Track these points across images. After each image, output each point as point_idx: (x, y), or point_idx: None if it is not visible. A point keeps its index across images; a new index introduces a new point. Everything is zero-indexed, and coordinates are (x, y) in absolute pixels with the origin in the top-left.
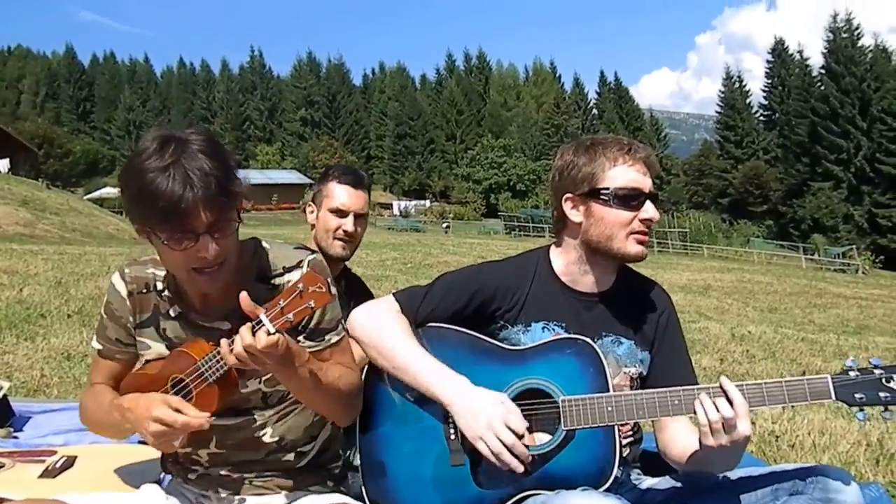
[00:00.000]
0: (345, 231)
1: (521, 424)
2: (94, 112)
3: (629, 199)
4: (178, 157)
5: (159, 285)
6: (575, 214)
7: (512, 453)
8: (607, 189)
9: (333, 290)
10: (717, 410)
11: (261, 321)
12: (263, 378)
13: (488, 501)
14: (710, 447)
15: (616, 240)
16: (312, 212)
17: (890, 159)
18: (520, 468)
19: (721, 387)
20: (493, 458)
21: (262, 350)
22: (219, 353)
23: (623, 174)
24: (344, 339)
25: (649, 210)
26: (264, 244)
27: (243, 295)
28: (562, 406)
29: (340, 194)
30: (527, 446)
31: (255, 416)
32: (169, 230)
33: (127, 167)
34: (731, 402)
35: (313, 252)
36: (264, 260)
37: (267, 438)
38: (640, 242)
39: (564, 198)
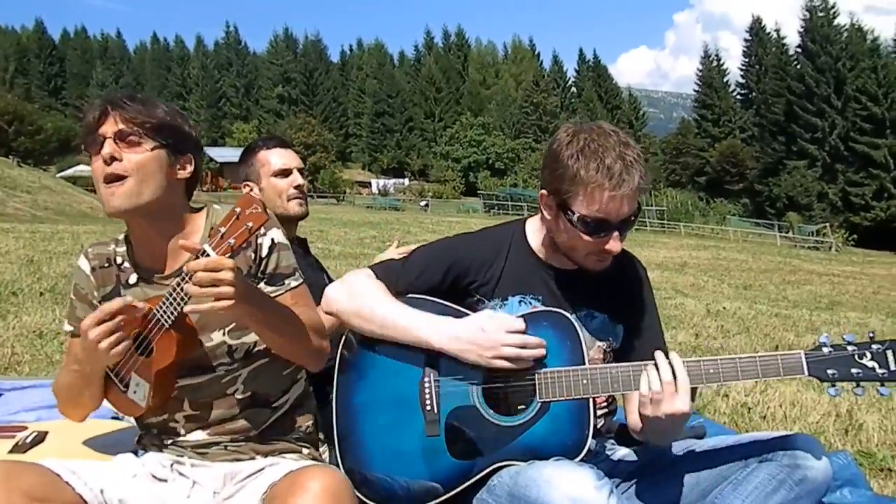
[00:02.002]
0: (296, 186)
1: (518, 322)
2: (65, 88)
3: (595, 229)
4: (117, 92)
5: (118, 259)
6: (546, 210)
7: (528, 348)
8: (575, 213)
9: (271, 215)
10: (660, 382)
11: (205, 251)
12: (227, 329)
13: (463, 472)
14: (647, 417)
15: (576, 253)
16: (250, 189)
17: (863, 138)
18: (543, 353)
19: (669, 362)
20: (516, 365)
21: (206, 267)
22: (169, 295)
23: (597, 204)
24: (303, 286)
25: (612, 244)
26: (216, 206)
27: (181, 240)
28: (537, 378)
29: (276, 157)
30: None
31: (223, 371)
32: (86, 136)
33: None
34: (674, 378)
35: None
36: (215, 219)
37: (238, 394)
38: (600, 261)
39: (540, 192)
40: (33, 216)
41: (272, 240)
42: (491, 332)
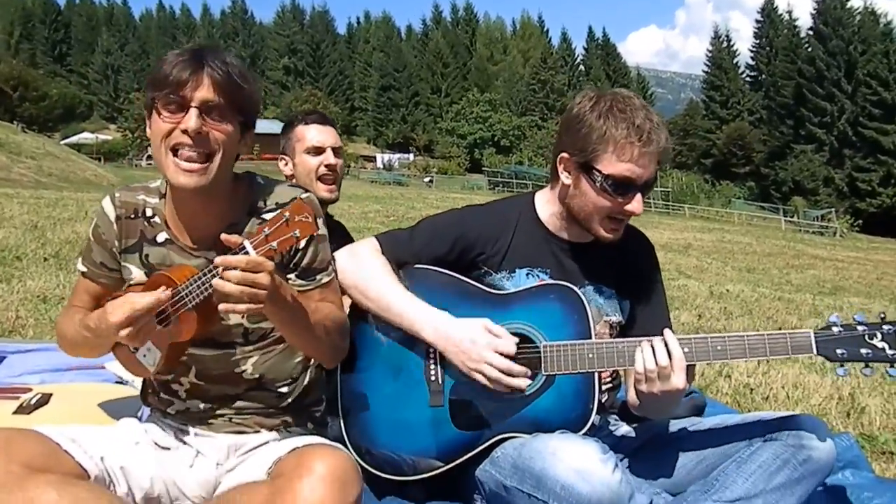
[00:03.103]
0: (327, 165)
1: (510, 346)
2: (70, 55)
3: (620, 189)
4: (203, 47)
5: (148, 211)
6: (565, 176)
7: (510, 375)
8: (601, 172)
9: (322, 226)
10: (655, 360)
11: (244, 248)
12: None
13: (467, 443)
14: (643, 394)
15: (592, 220)
16: (286, 163)
17: (872, 123)
18: (523, 385)
19: (664, 339)
20: (493, 387)
21: (245, 267)
22: (201, 277)
23: (624, 163)
24: (333, 281)
25: (635, 204)
26: (259, 179)
27: (224, 234)
28: (543, 351)
29: (312, 133)
30: (496, 397)
31: (235, 351)
32: (165, 93)
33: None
34: (669, 355)
35: (307, 191)
36: (258, 194)
37: (246, 374)
38: (615, 229)
39: (560, 155)
40: (37, 182)
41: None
42: (480, 345)
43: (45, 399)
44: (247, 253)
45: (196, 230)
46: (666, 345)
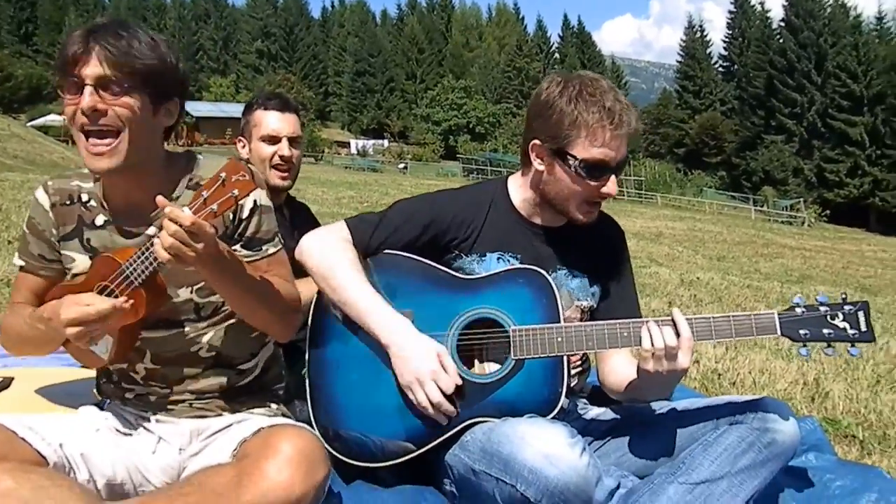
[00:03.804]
0: (280, 157)
1: (449, 384)
2: (36, 34)
3: (594, 172)
4: (99, 23)
5: (84, 196)
6: (538, 163)
7: (437, 409)
8: (575, 157)
9: (265, 198)
10: (663, 339)
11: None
12: (195, 287)
13: (436, 428)
14: (648, 373)
15: (569, 204)
16: (244, 146)
17: (841, 115)
18: (444, 422)
19: (672, 318)
20: (420, 408)
21: (188, 230)
22: (142, 253)
23: (598, 147)
24: (281, 252)
25: (610, 186)
26: (199, 156)
27: (159, 196)
28: (512, 335)
29: (270, 120)
30: (465, 382)
31: (188, 328)
32: (63, 77)
33: None
34: (677, 334)
35: (249, 163)
36: (197, 169)
37: (203, 353)
38: (590, 212)
39: (531, 142)
40: (2, 164)
41: (255, 201)
42: (424, 369)
43: (6, 383)
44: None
45: (134, 209)
46: (675, 324)
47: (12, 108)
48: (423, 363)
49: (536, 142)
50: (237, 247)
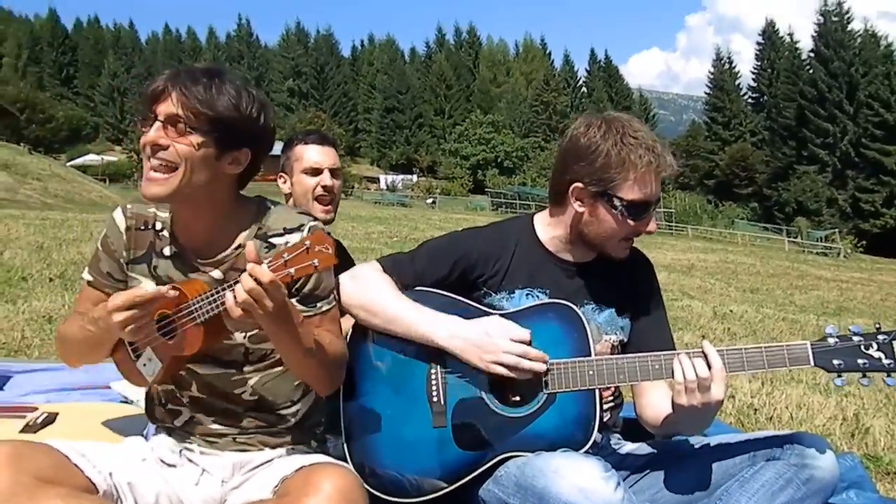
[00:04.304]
0: (324, 187)
1: (524, 333)
2: (77, 77)
3: (639, 212)
4: (190, 67)
5: (158, 225)
6: (578, 205)
7: (528, 359)
8: (622, 199)
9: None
10: (695, 371)
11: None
12: (249, 334)
13: (470, 463)
14: (682, 407)
15: (609, 242)
16: (285, 181)
17: (875, 144)
18: (542, 368)
19: (702, 350)
20: (514, 374)
21: (263, 286)
22: (213, 293)
23: (642, 188)
24: (334, 309)
25: (652, 224)
26: (268, 203)
27: (249, 244)
28: None
29: (310, 153)
30: (498, 416)
31: (235, 371)
32: (142, 109)
33: None
34: (709, 366)
35: (316, 219)
36: (266, 217)
37: (246, 395)
38: (627, 248)
39: (573, 185)
40: (43, 203)
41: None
42: (495, 337)
43: (51, 418)
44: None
45: (200, 246)
46: (706, 356)
47: (53, 148)
48: (492, 332)
49: (578, 185)
50: (293, 300)
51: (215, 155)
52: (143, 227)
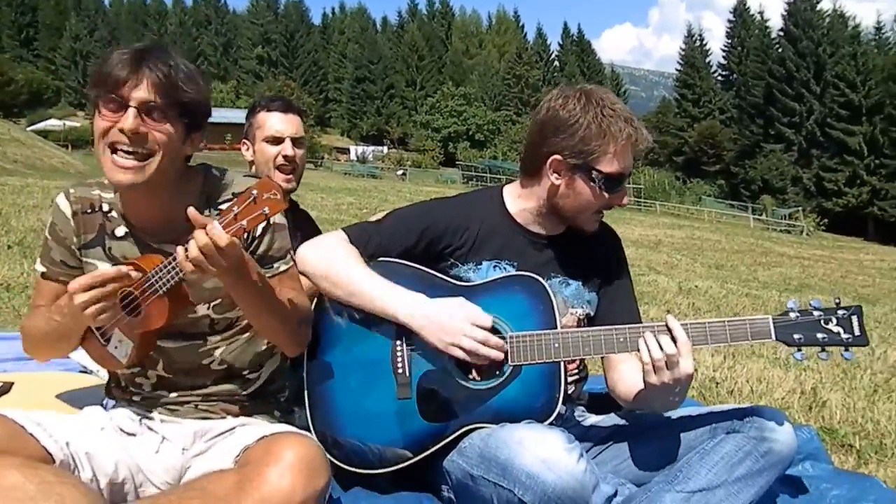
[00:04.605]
0: (284, 156)
1: (486, 319)
2: (37, 39)
3: (615, 184)
4: (146, 47)
5: (105, 206)
6: (555, 178)
7: (487, 346)
8: (601, 172)
9: (280, 214)
10: (661, 348)
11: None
12: (213, 304)
13: (434, 434)
14: (653, 385)
15: (583, 215)
16: (248, 148)
17: (839, 124)
18: (500, 356)
19: (666, 325)
20: (471, 359)
21: (217, 246)
22: (169, 263)
23: (620, 161)
24: (292, 268)
25: (624, 197)
26: (214, 171)
27: (191, 209)
28: (509, 342)
29: (273, 121)
30: (463, 388)
31: (203, 342)
32: (105, 92)
33: None
34: (674, 341)
35: (252, 165)
36: (214, 185)
37: (215, 365)
38: (598, 220)
39: (551, 158)
40: (2, 169)
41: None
42: (457, 320)
43: (6, 388)
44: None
45: (152, 224)
46: (670, 331)
47: (12, 112)
48: (454, 314)
49: (557, 157)
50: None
51: (183, 139)
52: (90, 211)
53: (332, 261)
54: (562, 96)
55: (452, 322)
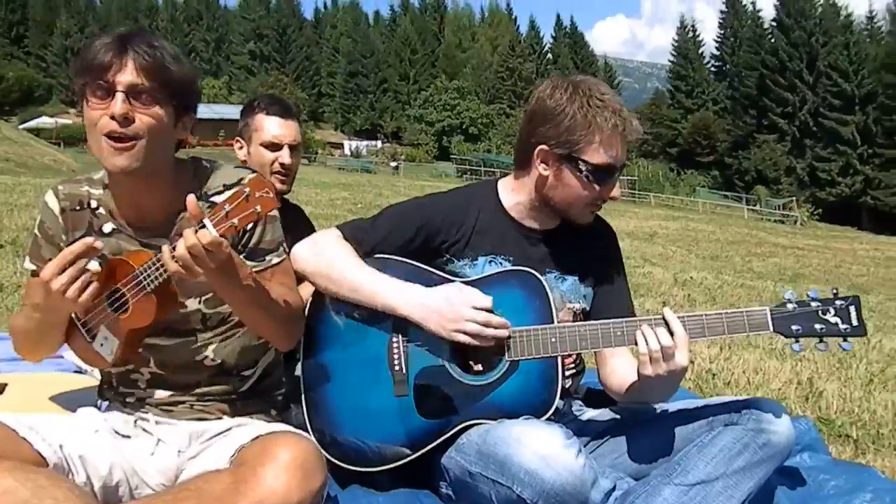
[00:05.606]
0: (281, 164)
1: (486, 300)
2: (28, 36)
3: (604, 176)
4: (129, 31)
5: (93, 203)
6: (543, 168)
7: (491, 326)
8: (587, 163)
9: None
10: (658, 340)
11: (203, 225)
12: (203, 298)
13: (432, 431)
14: (648, 376)
15: (574, 208)
16: (242, 147)
17: (832, 114)
18: (505, 334)
19: (663, 318)
20: (476, 342)
21: (205, 247)
22: (158, 260)
23: (607, 152)
24: (285, 262)
25: (615, 190)
26: (205, 163)
27: (190, 197)
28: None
29: (271, 126)
30: (460, 384)
31: (195, 338)
32: (93, 79)
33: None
34: (671, 333)
35: (254, 172)
36: (204, 177)
37: (208, 361)
38: (591, 214)
39: (538, 148)
40: None
41: None
42: (457, 305)
43: (0, 388)
44: (205, 227)
45: (142, 219)
46: (667, 324)
47: (3, 110)
48: (453, 300)
49: (544, 147)
50: (241, 257)
51: (174, 121)
52: (78, 208)
53: (328, 258)
54: (550, 86)
55: (453, 308)
